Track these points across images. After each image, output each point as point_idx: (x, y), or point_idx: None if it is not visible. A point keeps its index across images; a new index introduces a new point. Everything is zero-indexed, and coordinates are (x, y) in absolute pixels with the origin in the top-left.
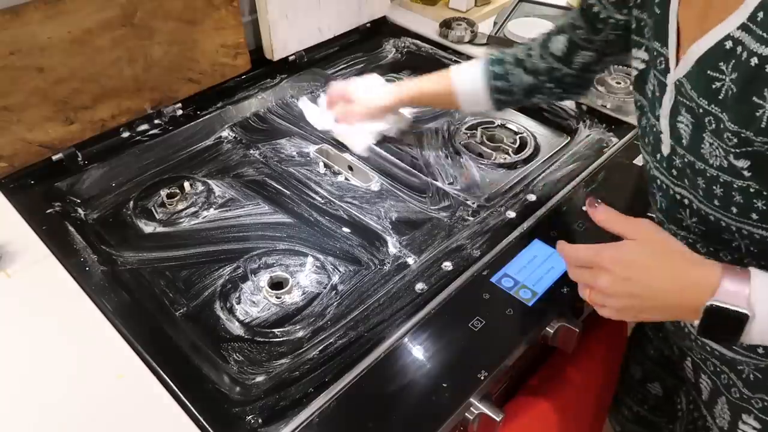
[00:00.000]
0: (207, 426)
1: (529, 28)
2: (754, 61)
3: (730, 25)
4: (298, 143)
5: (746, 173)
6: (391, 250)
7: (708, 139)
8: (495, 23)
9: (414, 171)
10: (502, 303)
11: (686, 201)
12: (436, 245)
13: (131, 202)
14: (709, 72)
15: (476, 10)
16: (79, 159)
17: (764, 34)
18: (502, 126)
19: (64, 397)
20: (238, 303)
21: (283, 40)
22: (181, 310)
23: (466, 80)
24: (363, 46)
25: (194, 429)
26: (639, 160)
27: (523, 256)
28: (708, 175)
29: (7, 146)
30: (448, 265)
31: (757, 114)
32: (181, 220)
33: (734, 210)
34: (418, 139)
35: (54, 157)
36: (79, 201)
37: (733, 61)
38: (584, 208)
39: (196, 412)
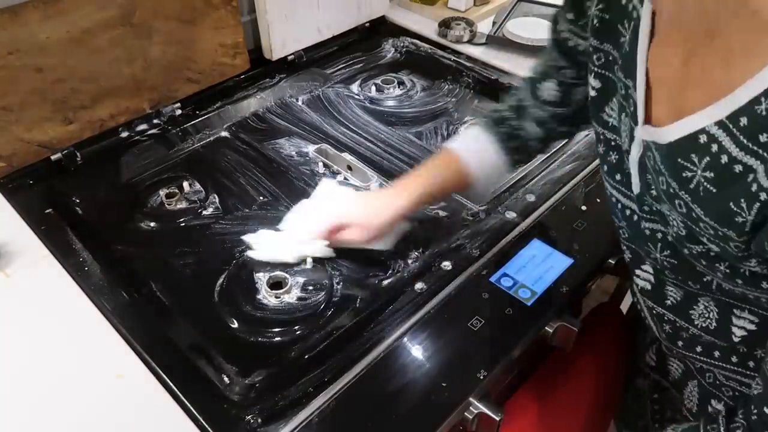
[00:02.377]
0: (206, 426)
1: (528, 27)
2: (737, 168)
3: (706, 117)
4: (297, 143)
5: (710, 252)
6: (391, 250)
7: (676, 217)
8: (494, 23)
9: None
10: (501, 302)
11: (658, 235)
12: (436, 245)
13: (130, 202)
14: (679, 160)
15: (475, 10)
16: (78, 159)
17: (748, 143)
18: None
19: (63, 397)
20: (237, 302)
21: (282, 39)
22: (180, 310)
23: (478, 157)
24: (362, 46)
25: (193, 429)
26: None
27: (523, 255)
28: (675, 231)
29: (5, 146)
30: (447, 265)
31: (738, 220)
32: (180, 220)
33: (703, 262)
34: (418, 139)
35: (53, 157)
36: (77, 201)
37: (707, 158)
38: (583, 207)
39: (195, 412)
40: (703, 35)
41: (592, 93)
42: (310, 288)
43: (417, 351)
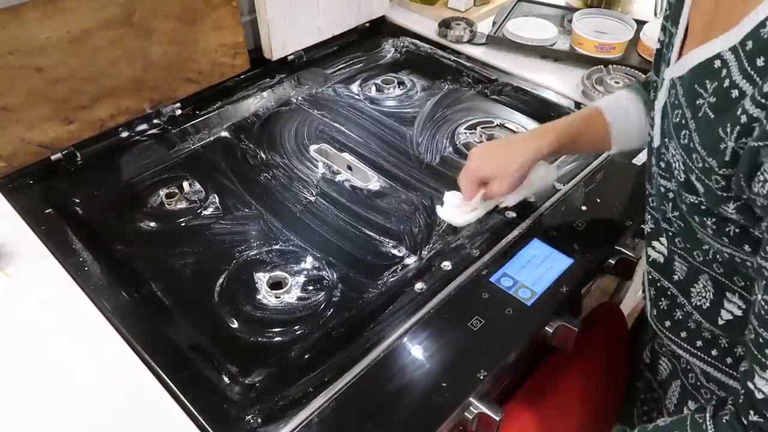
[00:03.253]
0: (206, 426)
1: (528, 27)
2: (734, 93)
3: (724, 42)
4: (297, 143)
5: (701, 193)
6: (391, 250)
7: (674, 151)
8: (494, 23)
9: (414, 171)
10: (501, 302)
11: (670, 195)
12: (436, 245)
13: (130, 202)
14: (696, 86)
15: (475, 10)
16: (78, 159)
17: (748, 67)
18: (502, 126)
19: (63, 397)
20: (237, 303)
21: (282, 39)
22: (180, 310)
23: (622, 117)
24: (362, 46)
25: (193, 429)
26: (638, 160)
27: (523, 255)
28: (678, 182)
29: (5, 146)
30: (447, 265)
31: (721, 146)
32: (180, 220)
33: (696, 219)
34: (418, 139)
35: (53, 157)
36: (77, 201)
37: (716, 83)
38: (583, 207)
39: (195, 412)
40: None
41: (657, 45)
42: (310, 288)
43: (417, 351)
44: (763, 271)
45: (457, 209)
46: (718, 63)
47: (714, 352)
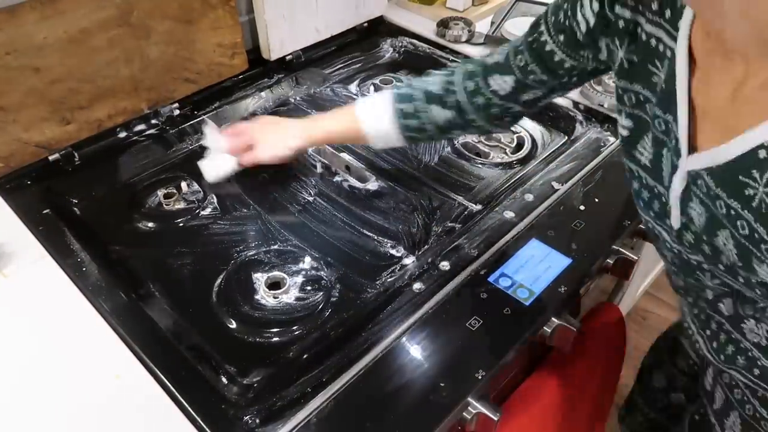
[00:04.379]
0: (204, 426)
1: (526, 27)
2: None
3: (764, 132)
4: None
5: (764, 274)
6: (389, 250)
7: (722, 238)
8: (492, 23)
9: (412, 171)
10: (499, 302)
11: (704, 265)
12: (434, 245)
13: (128, 203)
14: (741, 177)
15: (473, 10)
16: (76, 159)
17: None
18: None
19: (61, 397)
20: (235, 303)
21: (280, 39)
22: (178, 311)
23: (375, 122)
24: (360, 46)
25: (192, 429)
26: None
27: (521, 255)
28: (726, 262)
29: (3, 146)
30: (445, 265)
31: None
32: (179, 220)
33: (758, 291)
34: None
35: (50, 158)
36: (75, 201)
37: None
38: (581, 206)
39: (193, 413)
40: (758, 56)
41: (624, 132)
42: (309, 288)
43: (415, 351)
44: None
45: (215, 163)
46: (763, 153)
47: None
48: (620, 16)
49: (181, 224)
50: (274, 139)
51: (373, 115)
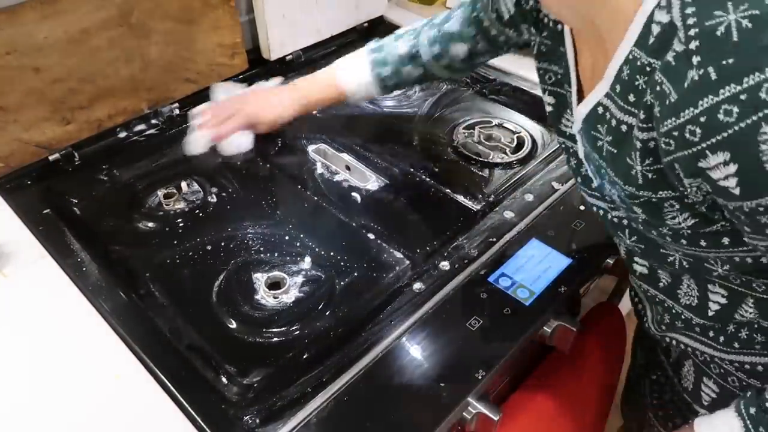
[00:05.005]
0: (204, 426)
1: None
2: (623, 128)
3: (599, 93)
4: (296, 142)
5: (641, 215)
6: (389, 250)
7: (609, 187)
8: None
9: (412, 171)
10: (499, 302)
11: (624, 222)
12: (434, 245)
13: (128, 203)
14: (592, 132)
15: None
16: (76, 159)
17: (623, 104)
18: (500, 125)
19: (61, 397)
20: (236, 303)
21: (280, 39)
22: (178, 311)
23: (357, 87)
24: (360, 46)
25: (191, 429)
26: None
27: (521, 255)
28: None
29: (3, 146)
30: (445, 265)
31: (632, 173)
32: (179, 220)
33: (653, 233)
34: (416, 138)
35: (50, 158)
36: (75, 201)
37: (606, 125)
38: (581, 206)
39: (193, 413)
40: (594, 42)
41: (549, 108)
42: (308, 288)
43: (415, 351)
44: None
45: (200, 138)
46: (600, 109)
47: (710, 334)
48: (533, 8)
49: (181, 224)
50: (275, 101)
51: (355, 81)
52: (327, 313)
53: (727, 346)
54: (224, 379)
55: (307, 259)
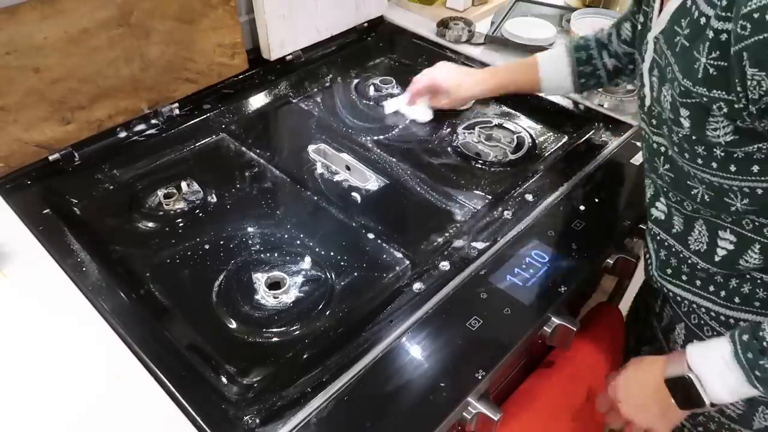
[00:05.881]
0: (204, 426)
1: (526, 27)
2: (702, 20)
3: None
4: (296, 143)
5: (685, 122)
6: (389, 250)
7: (664, 91)
8: (492, 23)
9: (412, 171)
10: (499, 302)
11: (662, 149)
12: (434, 245)
13: (128, 203)
14: (675, 27)
15: (473, 10)
16: (76, 159)
17: None
18: (500, 125)
19: (62, 397)
20: (236, 303)
21: (281, 39)
22: (178, 311)
23: (552, 69)
24: (360, 46)
25: (191, 429)
26: (636, 159)
27: (521, 255)
28: (668, 124)
29: (3, 146)
30: (445, 265)
31: (695, 66)
32: (179, 220)
33: (686, 156)
34: (416, 138)
35: (50, 158)
36: (75, 201)
37: (689, 18)
38: (581, 207)
39: (193, 413)
40: None
41: (639, 27)
42: (309, 288)
43: (415, 351)
44: None
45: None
46: (689, 2)
47: (711, 288)
48: None
49: (181, 224)
50: (468, 82)
51: (551, 63)
52: (327, 313)
53: (727, 301)
54: (224, 379)
55: (307, 259)
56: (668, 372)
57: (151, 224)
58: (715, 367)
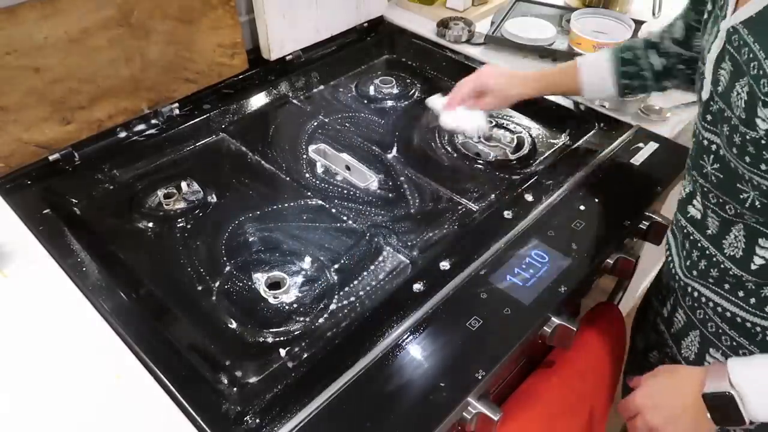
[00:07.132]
0: (204, 426)
1: (526, 27)
2: None
3: None
4: (296, 143)
5: (762, 125)
6: (389, 250)
7: (738, 88)
8: (492, 23)
9: (412, 171)
10: (499, 302)
11: (713, 147)
12: (434, 245)
13: (128, 203)
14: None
15: (473, 10)
16: (76, 159)
17: None
18: (500, 125)
19: (62, 397)
20: (236, 303)
21: (280, 39)
22: (179, 310)
23: (594, 72)
24: (360, 46)
25: (192, 429)
26: (637, 160)
27: (521, 255)
28: (732, 123)
29: (3, 146)
30: (445, 265)
31: None
32: (179, 220)
33: (747, 159)
34: (416, 138)
35: (51, 158)
36: (75, 201)
37: None
38: (581, 206)
39: (193, 413)
40: None
41: (706, 16)
42: (308, 288)
43: (415, 351)
44: None
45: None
46: None
47: (741, 293)
48: None
49: (180, 224)
50: (509, 84)
51: (593, 64)
52: (327, 313)
53: (757, 309)
54: (224, 379)
55: (307, 259)
56: (707, 387)
57: (151, 224)
58: (761, 386)
